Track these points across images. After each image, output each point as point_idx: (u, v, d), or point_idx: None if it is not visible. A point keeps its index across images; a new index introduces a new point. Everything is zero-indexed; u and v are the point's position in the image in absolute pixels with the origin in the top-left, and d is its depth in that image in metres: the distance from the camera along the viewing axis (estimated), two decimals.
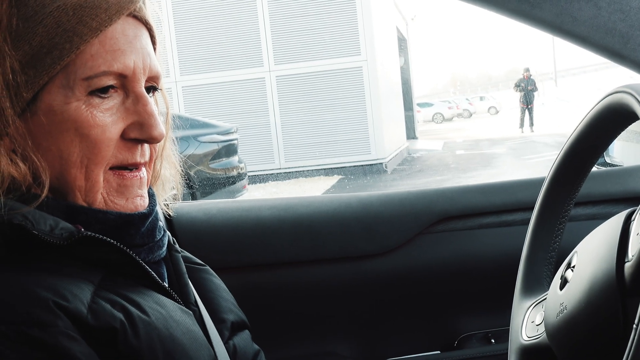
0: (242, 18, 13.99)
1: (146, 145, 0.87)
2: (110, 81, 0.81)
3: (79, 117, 0.80)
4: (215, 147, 8.09)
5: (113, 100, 0.82)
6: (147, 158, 0.88)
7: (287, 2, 14.01)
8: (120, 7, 0.82)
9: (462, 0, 1.09)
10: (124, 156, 0.84)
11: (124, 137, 0.84)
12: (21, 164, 0.79)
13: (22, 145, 0.79)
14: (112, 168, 0.84)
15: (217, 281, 1.07)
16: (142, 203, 0.87)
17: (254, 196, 10.36)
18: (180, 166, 1.04)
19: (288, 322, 1.48)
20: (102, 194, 0.84)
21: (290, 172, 13.59)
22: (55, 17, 0.79)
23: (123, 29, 0.83)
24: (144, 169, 0.88)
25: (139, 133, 0.84)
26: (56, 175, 0.81)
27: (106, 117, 0.81)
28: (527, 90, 20.02)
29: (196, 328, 0.87)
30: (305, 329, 1.49)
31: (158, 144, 0.90)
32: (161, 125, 0.85)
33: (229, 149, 8.32)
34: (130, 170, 0.86)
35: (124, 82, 0.83)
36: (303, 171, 13.58)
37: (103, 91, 0.81)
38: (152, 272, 0.85)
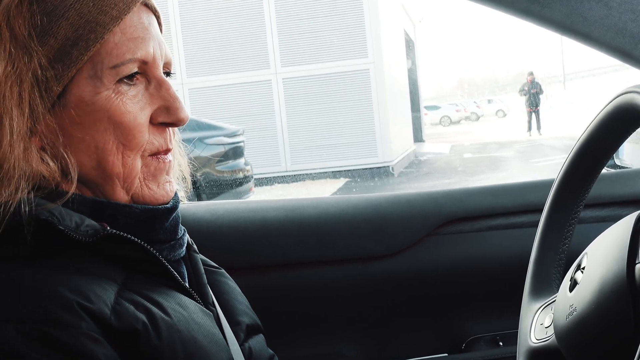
0: (248, 20, 14.00)
1: (170, 130, 0.89)
2: (135, 68, 0.83)
3: (110, 106, 0.81)
4: (221, 149, 8.10)
5: (137, 87, 0.84)
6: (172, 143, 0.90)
7: (293, 4, 14.02)
8: None
9: (472, 0, 1.09)
10: (159, 142, 0.86)
11: (152, 122, 0.86)
12: (51, 163, 0.80)
13: (52, 141, 0.80)
14: (150, 155, 0.86)
15: (232, 284, 1.07)
16: (172, 188, 0.90)
17: (260, 199, 10.35)
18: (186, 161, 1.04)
19: (295, 323, 1.47)
20: (140, 178, 0.85)
21: (296, 175, 13.59)
22: (77, 9, 0.80)
23: (139, 17, 0.85)
24: (170, 154, 0.90)
25: (167, 117, 0.86)
26: (93, 165, 0.82)
27: (134, 104, 0.83)
28: (530, 93, 19.92)
29: (216, 330, 0.88)
30: (312, 329, 1.49)
31: None
32: (186, 108, 0.87)
33: (236, 151, 8.33)
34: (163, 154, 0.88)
35: (145, 68, 0.85)
36: (310, 174, 13.57)
37: (130, 78, 0.83)
38: (174, 272, 0.85)
